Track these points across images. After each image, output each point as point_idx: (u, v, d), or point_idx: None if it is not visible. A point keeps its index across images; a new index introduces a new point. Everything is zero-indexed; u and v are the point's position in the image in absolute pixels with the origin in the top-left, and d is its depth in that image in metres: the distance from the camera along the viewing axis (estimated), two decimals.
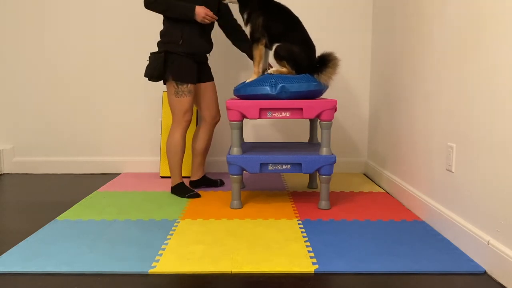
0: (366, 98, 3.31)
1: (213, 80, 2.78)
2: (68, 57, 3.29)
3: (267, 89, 2.32)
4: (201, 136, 2.78)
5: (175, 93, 2.54)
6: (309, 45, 2.46)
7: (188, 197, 2.60)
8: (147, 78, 2.55)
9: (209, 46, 2.67)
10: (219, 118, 2.83)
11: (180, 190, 2.65)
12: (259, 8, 2.44)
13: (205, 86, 2.74)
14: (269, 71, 2.40)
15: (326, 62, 2.36)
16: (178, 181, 2.67)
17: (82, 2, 3.23)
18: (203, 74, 2.72)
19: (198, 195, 2.63)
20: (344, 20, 3.23)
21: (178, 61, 2.51)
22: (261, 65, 2.49)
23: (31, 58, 3.29)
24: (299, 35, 2.44)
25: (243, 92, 2.40)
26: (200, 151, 2.80)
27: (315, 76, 2.37)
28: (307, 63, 2.39)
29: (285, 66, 2.40)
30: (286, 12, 2.48)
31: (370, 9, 3.22)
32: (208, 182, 2.88)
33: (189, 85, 2.55)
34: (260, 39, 2.44)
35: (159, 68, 2.48)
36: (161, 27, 2.60)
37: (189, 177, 3.14)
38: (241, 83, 2.45)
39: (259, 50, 2.45)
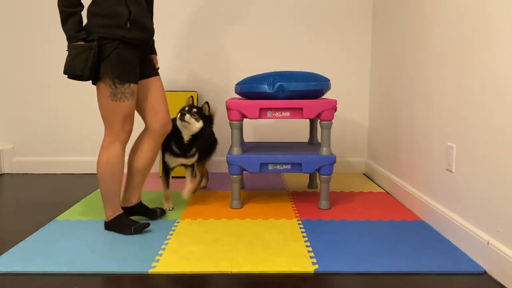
0: (366, 98, 3.31)
1: (158, 74, 2.14)
2: None
3: (265, 88, 2.33)
4: (144, 150, 2.10)
5: (111, 96, 1.90)
6: None
7: (134, 231, 1.98)
8: (66, 76, 1.90)
9: (153, 27, 2.09)
10: (171, 126, 2.16)
11: (122, 223, 2.01)
12: None
13: (149, 83, 2.09)
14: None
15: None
16: (117, 212, 2.03)
17: (83, 1, 3.23)
18: (146, 67, 2.07)
19: (147, 225, 2.02)
20: (344, 19, 3.23)
21: (118, 52, 1.89)
22: None
23: (31, 58, 3.28)
24: None
25: (244, 90, 2.42)
26: (139, 170, 2.11)
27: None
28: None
29: None
30: None
31: (370, 9, 3.22)
32: (145, 210, 2.19)
33: (132, 84, 1.93)
34: None
35: (91, 62, 1.83)
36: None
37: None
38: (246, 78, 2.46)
39: None
